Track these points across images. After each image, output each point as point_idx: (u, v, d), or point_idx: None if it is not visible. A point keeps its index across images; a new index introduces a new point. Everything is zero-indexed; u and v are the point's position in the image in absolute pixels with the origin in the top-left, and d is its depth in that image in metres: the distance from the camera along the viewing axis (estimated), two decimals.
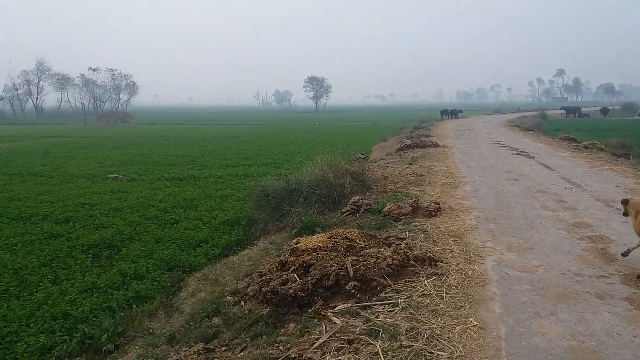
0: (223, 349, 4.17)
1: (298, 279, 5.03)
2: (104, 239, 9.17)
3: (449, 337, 3.74)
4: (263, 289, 5.17)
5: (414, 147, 18.79)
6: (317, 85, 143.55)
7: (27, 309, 6.26)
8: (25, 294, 6.81)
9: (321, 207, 9.14)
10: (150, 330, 5.41)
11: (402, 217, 7.47)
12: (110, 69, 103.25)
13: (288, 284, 4.96)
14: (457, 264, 5.36)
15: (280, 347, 3.78)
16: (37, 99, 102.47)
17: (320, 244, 5.56)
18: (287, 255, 5.63)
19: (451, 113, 50.52)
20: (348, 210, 8.33)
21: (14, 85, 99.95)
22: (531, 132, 28.21)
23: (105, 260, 8.34)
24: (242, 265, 7.16)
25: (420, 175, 11.71)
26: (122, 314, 6.04)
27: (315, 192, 9.41)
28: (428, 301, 4.38)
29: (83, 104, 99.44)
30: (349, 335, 3.76)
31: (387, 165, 14.54)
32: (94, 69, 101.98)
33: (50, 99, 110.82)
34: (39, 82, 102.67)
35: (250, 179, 15.58)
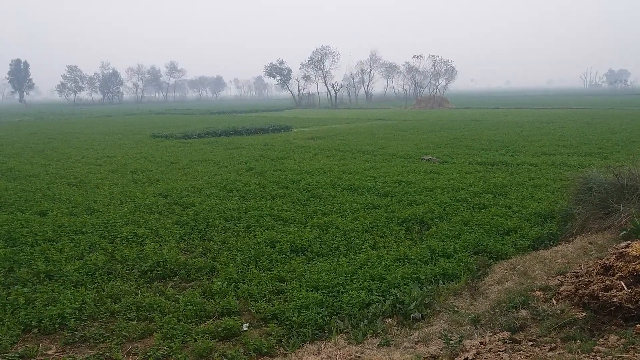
0: (530, 343, 4.00)
1: (625, 288, 4.37)
2: (416, 214, 9.86)
3: None
4: (579, 291, 4.69)
5: None
6: None
7: (352, 266, 7.27)
8: (351, 254, 7.95)
9: None
10: (455, 309, 5.60)
11: None
12: (432, 56, 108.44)
13: (612, 291, 4.36)
14: None
15: (598, 357, 3.39)
16: (367, 86, 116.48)
17: None
18: (612, 260, 4.94)
19: None
20: None
21: (351, 74, 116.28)
22: None
23: (416, 234, 8.98)
24: (555, 262, 6.64)
25: None
26: (430, 287, 6.42)
27: None
28: None
29: (405, 89, 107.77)
30: None
31: None
32: (417, 57, 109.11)
33: (378, 86, 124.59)
34: (370, 70, 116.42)
35: (569, 169, 14.20)
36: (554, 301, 4.91)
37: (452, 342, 4.19)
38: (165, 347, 5.20)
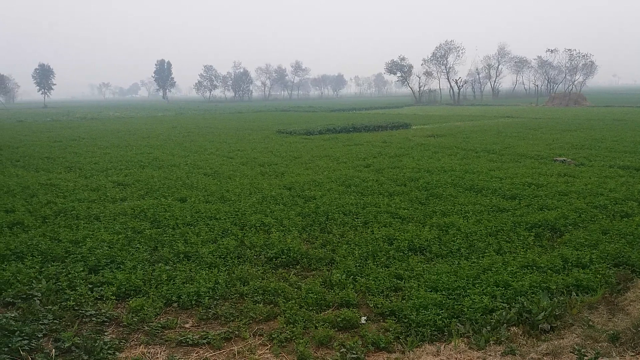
0: None
1: None
2: (547, 220, 9.20)
3: None
4: None
5: None
6: None
7: (474, 270, 6.98)
8: (473, 257, 7.65)
9: None
10: (590, 323, 5.15)
11: None
12: (568, 49, 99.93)
13: None
14: None
15: None
16: (494, 82, 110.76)
17: None
18: None
19: None
20: None
21: (476, 69, 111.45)
22: None
23: (547, 241, 8.38)
24: None
25: None
26: (561, 298, 5.96)
27: None
28: None
29: (537, 85, 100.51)
30: None
31: None
32: (551, 50, 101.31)
33: (506, 81, 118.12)
34: (498, 65, 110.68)
35: None
36: None
37: (586, 358, 3.89)
38: (288, 331, 5.48)
